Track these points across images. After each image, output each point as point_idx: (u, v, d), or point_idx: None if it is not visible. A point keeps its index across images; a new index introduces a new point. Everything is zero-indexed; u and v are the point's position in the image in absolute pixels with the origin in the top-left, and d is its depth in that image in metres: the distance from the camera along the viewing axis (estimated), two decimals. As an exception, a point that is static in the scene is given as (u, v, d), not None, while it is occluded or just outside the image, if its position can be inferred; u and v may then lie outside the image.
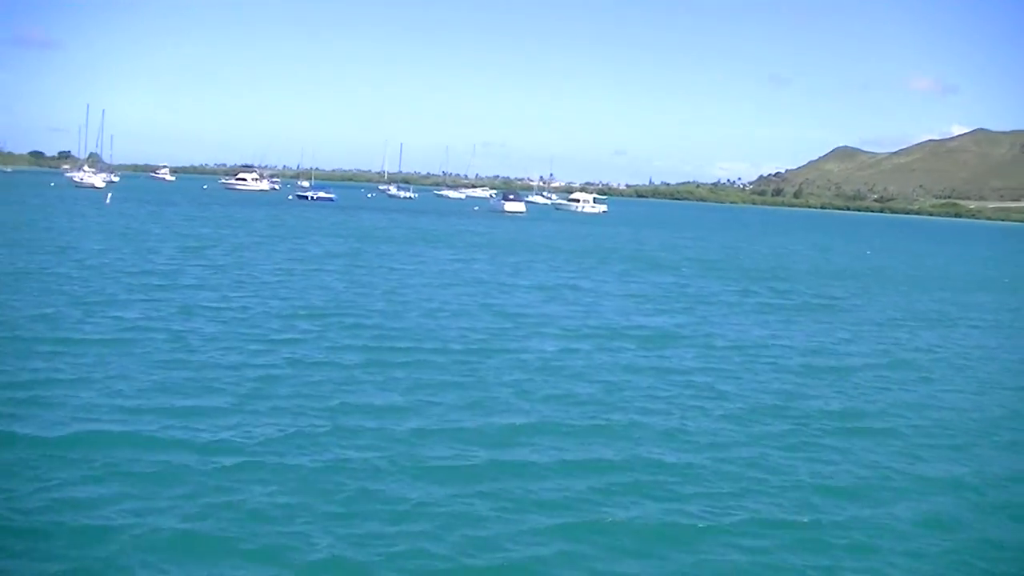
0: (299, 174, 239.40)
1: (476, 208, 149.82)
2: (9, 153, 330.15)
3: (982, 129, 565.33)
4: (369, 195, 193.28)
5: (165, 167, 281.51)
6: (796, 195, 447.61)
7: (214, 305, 28.16)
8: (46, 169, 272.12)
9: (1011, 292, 52.13)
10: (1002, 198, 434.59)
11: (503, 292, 36.51)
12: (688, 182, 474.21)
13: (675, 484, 13.93)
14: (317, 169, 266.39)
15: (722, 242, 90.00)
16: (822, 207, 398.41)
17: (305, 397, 17.53)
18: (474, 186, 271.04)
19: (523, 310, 31.28)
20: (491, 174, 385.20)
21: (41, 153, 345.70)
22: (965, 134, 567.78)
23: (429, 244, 62.82)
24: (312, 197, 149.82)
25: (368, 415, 16.61)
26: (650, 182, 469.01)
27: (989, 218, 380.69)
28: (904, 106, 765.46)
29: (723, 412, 18.37)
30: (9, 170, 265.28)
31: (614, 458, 14.97)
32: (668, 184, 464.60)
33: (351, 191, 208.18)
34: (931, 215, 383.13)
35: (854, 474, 14.92)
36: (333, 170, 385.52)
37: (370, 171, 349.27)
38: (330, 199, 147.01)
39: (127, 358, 19.82)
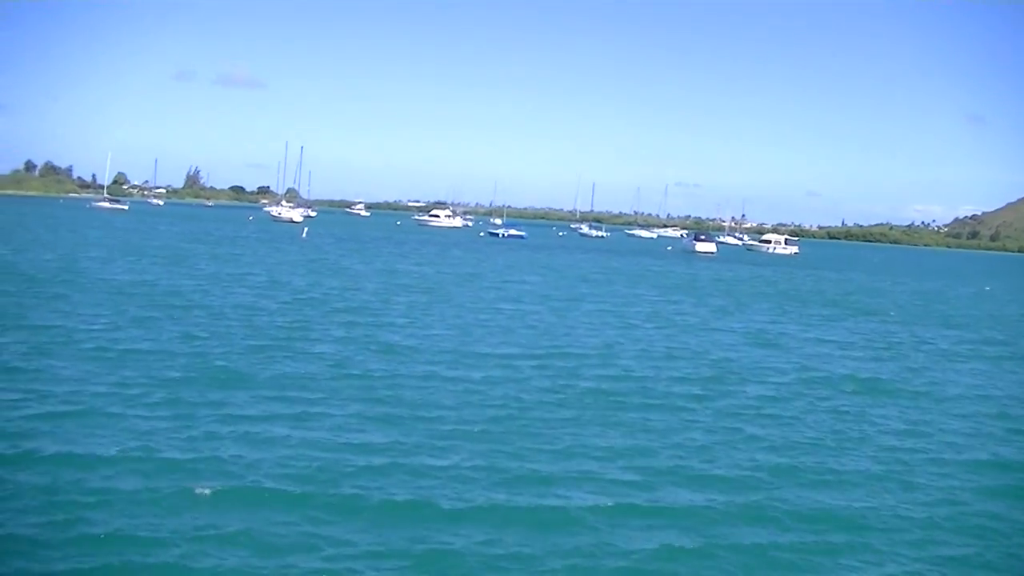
0: (491, 211, 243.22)
1: (669, 248, 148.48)
2: (211, 188, 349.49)
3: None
4: (560, 233, 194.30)
5: (360, 203, 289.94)
6: (993, 238, 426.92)
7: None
8: (245, 204, 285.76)
9: None
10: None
11: (707, 334, 35.95)
12: (881, 223, 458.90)
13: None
14: (509, 207, 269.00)
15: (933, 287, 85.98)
16: (1020, 250, 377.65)
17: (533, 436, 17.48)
18: (666, 226, 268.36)
19: (739, 355, 30.61)
20: (683, 214, 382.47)
21: (242, 188, 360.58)
22: None
23: (630, 284, 62.45)
24: (503, 235, 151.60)
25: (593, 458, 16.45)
26: (843, 223, 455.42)
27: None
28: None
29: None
30: (211, 204, 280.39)
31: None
32: (861, 226, 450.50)
33: (542, 229, 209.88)
34: None
35: None
36: (525, 208, 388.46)
37: (562, 209, 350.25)
38: (520, 236, 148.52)
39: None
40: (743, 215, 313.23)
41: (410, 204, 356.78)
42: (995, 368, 32.27)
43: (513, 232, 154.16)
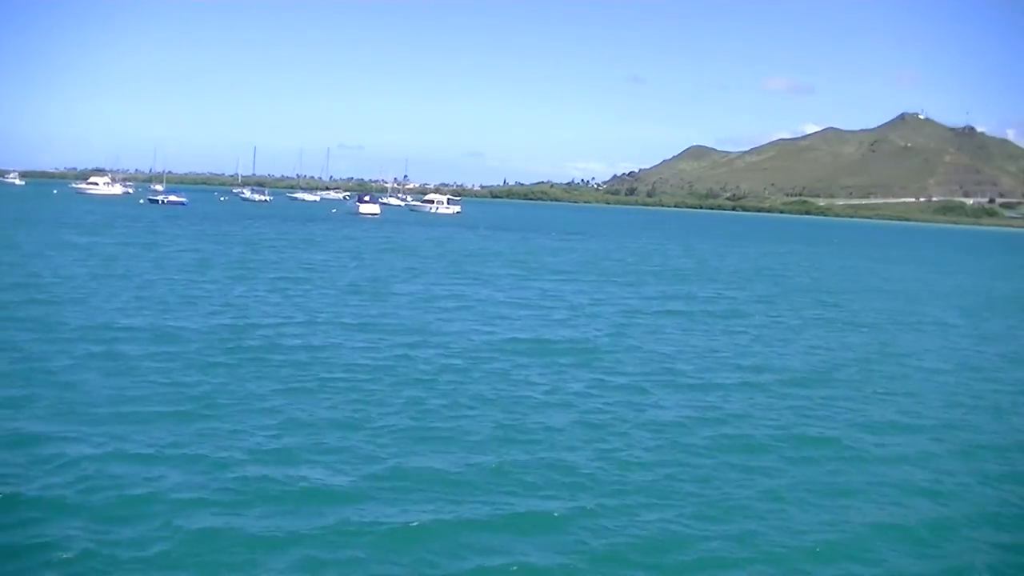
0: (152, 177, 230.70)
1: (334, 211, 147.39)
2: None
3: (833, 128, 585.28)
4: (222, 199, 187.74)
5: (14, 172, 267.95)
6: (649, 194, 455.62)
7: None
8: None
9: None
10: (851, 195, 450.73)
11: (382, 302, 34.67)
12: (543, 182, 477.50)
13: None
14: (170, 172, 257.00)
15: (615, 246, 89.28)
16: (675, 206, 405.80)
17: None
18: (328, 188, 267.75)
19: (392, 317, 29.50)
20: (346, 176, 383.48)
21: None
22: (816, 133, 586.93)
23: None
24: (163, 201, 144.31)
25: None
26: (504, 183, 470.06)
27: (838, 215, 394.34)
28: (759, 106, 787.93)
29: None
30: None
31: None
32: (522, 184, 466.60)
33: (204, 194, 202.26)
34: (782, 212, 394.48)
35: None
36: (187, 173, 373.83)
37: (223, 174, 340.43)
38: (181, 203, 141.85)
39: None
40: (406, 176, 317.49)
41: (67, 172, 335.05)
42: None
43: (174, 199, 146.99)
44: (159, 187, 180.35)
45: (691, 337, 29.66)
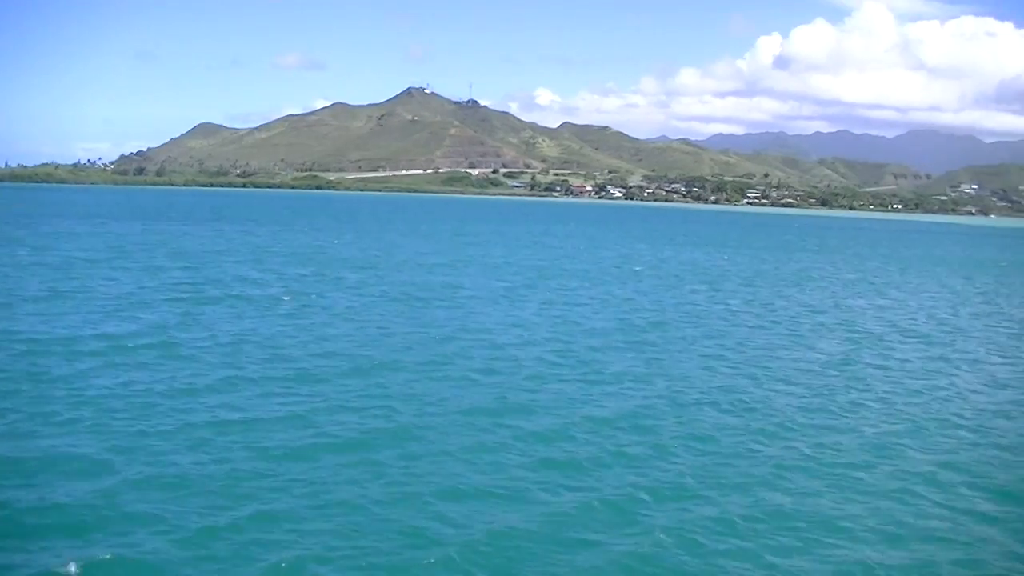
0: None
1: None
2: None
3: (341, 103, 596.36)
4: None
5: None
6: (159, 173, 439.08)
7: None
8: None
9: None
10: (360, 169, 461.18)
11: None
12: (47, 163, 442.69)
13: None
14: None
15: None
16: (185, 184, 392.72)
17: None
18: None
19: None
20: None
21: None
22: (325, 108, 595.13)
23: None
24: None
25: None
26: (6, 165, 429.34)
27: (348, 188, 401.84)
28: (271, 82, 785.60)
29: None
30: None
31: None
32: (26, 167, 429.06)
33: None
34: (293, 188, 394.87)
35: None
36: None
37: None
38: None
39: None
40: None
41: None
42: None
43: None
44: None
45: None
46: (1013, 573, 13.37)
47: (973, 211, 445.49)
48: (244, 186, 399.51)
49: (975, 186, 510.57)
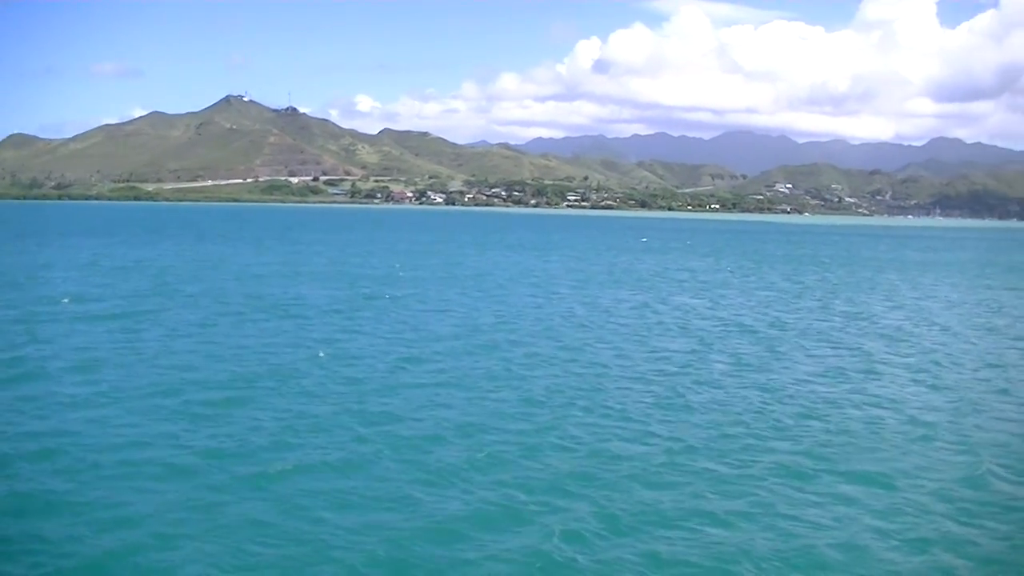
0: None
1: None
2: None
3: (158, 112, 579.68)
4: None
5: None
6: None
7: None
8: None
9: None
10: (179, 179, 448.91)
11: None
12: None
13: None
14: None
15: None
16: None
17: None
18: None
19: None
20: None
21: None
22: (143, 117, 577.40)
23: None
24: None
25: None
26: None
27: (168, 199, 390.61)
28: (88, 90, 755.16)
29: None
30: None
31: None
32: None
33: None
34: (110, 199, 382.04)
35: None
36: None
37: None
38: None
39: None
40: None
41: None
42: None
43: None
44: None
45: None
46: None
47: (788, 209, 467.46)
48: (60, 198, 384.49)
49: (789, 185, 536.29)
